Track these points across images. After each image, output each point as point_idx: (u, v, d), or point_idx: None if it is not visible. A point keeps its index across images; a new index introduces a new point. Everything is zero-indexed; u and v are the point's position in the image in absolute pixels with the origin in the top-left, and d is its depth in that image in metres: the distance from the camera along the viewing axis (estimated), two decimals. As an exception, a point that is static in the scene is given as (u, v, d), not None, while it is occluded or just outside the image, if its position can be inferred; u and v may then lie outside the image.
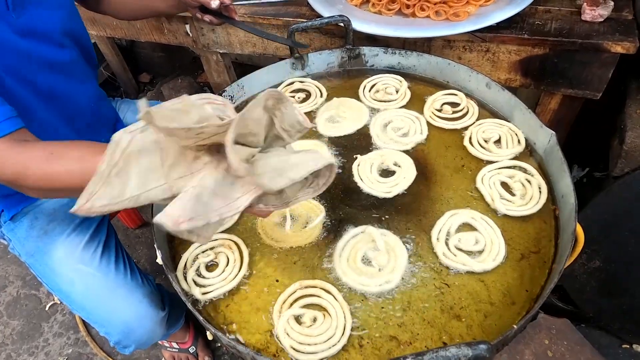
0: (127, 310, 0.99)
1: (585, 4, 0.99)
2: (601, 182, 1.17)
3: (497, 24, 0.99)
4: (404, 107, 0.96)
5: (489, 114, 0.93)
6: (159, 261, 0.69)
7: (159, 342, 1.41)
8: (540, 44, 1.00)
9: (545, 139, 0.80)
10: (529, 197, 0.76)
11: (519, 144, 0.84)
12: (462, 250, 0.70)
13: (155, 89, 2.49)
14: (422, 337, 0.62)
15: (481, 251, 0.69)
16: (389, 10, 1.11)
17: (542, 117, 1.14)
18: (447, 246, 0.71)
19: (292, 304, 0.66)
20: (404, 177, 0.81)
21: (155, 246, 0.70)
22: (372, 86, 1.02)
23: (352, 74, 1.09)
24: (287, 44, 1.03)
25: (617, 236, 1.03)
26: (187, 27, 1.45)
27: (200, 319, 0.63)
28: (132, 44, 2.50)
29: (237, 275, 0.71)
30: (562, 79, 1.04)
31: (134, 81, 2.53)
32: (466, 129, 0.89)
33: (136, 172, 0.48)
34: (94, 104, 1.01)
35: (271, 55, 1.37)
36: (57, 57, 0.88)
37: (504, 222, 0.74)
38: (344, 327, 0.63)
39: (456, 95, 0.96)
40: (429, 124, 0.92)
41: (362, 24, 1.06)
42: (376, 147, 0.89)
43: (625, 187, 0.97)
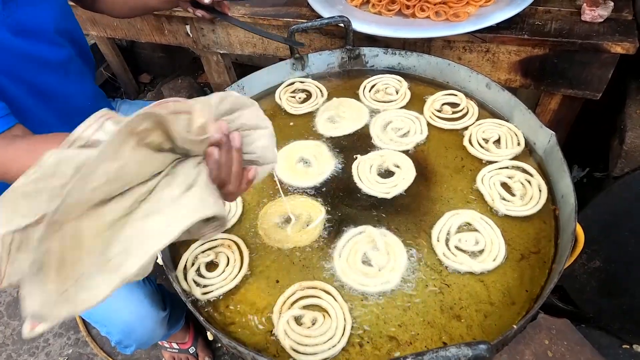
0: (128, 310, 0.99)
1: (585, 4, 0.99)
2: (601, 182, 1.17)
3: (497, 24, 0.99)
4: (404, 107, 0.96)
5: (489, 114, 0.93)
6: (160, 261, 0.69)
7: (159, 342, 1.41)
8: (540, 44, 1.00)
9: (545, 139, 0.80)
10: (528, 197, 0.76)
11: (519, 144, 0.84)
12: (462, 250, 0.70)
13: (155, 89, 2.49)
14: (422, 337, 0.62)
15: (481, 251, 0.69)
16: (389, 10, 1.11)
17: (542, 117, 1.14)
18: (448, 246, 0.71)
19: (292, 304, 0.66)
20: (403, 178, 0.81)
21: (155, 246, 0.70)
22: (372, 86, 1.02)
23: (352, 74, 1.10)
24: (278, 40, 1.03)
25: (617, 236, 1.03)
26: (188, 27, 1.45)
27: (200, 319, 0.63)
28: (133, 45, 2.50)
29: (237, 275, 0.71)
30: (562, 79, 1.04)
31: (134, 82, 2.54)
32: (466, 129, 0.89)
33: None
34: (92, 103, 1.01)
35: (271, 55, 1.37)
36: (51, 55, 0.88)
37: (503, 222, 0.74)
38: (344, 328, 0.63)
39: (456, 95, 0.96)
40: (428, 124, 0.92)
41: (362, 24, 1.06)
42: (376, 147, 0.89)
43: (625, 187, 0.97)
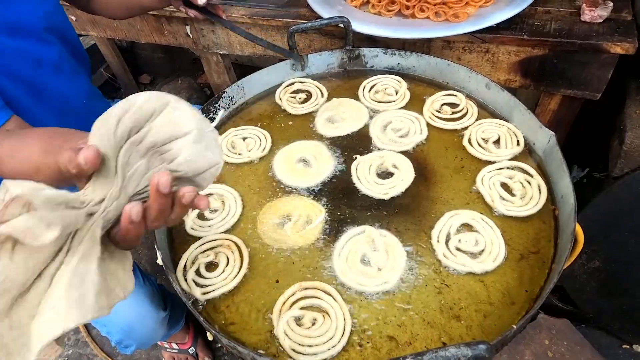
0: (129, 310, 0.99)
1: (584, 4, 1.00)
2: (601, 182, 1.18)
3: (497, 24, 0.99)
4: (404, 107, 0.96)
5: (489, 114, 0.93)
6: (159, 262, 0.69)
7: (159, 343, 1.42)
8: (539, 44, 1.00)
9: (544, 139, 0.80)
10: (528, 197, 0.76)
11: (518, 144, 0.84)
12: (462, 251, 0.70)
13: (155, 90, 2.49)
14: (421, 337, 0.62)
15: (481, 252, 0.69)
16: (389, 11, 1.11)
17: (541, 117, 1.14)
18: (448, 247, 0.71)
19: (291, 305, 0.66)
20: (402, 179, 0.81)
21: (155, 247, 0.70)
22: (372, 87, 1.02)
23: (352, 74, 1.10)
24: (265, 46, 1.01)
25: (617, 236, 1.03)
26: (188, 28, 1.45)
27: (200, 319, 0.63)
28: (133, 45, 2.50)
29: (237, 275, 0.71)
30: (562, 79, 1.04)
31: (135, 82, 2.54)
32: (465, 129, 0.89)
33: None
34: (86, 101, 1.00)
35: (271, 56, 1.37)
36: (43, 53, 0.88)
37: (503, 222, 0.74)
38: (344, 328, 0.63)
39: (455, 95, 0.96)
40: (428, 124, 0.92)
41: (362, 25, 1.06)
42: (376, 148, 0.89)
43: (624, 188, 0.97)
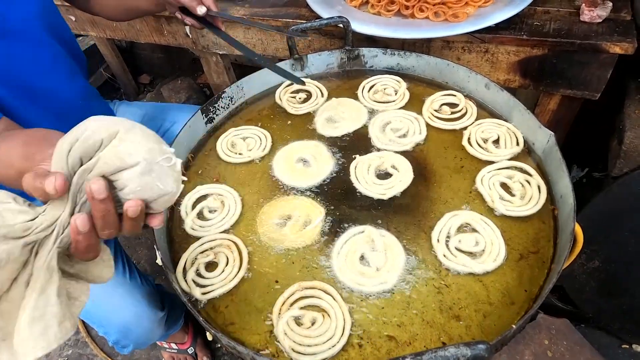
0: (126, 310, 0.99)
1: (583, 4, 1.00)
2: (600, 182, 1.17)
3: (496, 24, 0.99)
4: (403, 107, 0.96)
5: (488, 114, 0.93)
6: (159, 262, 0.69)
7: (158, 343, 1.42)
8: (539, 44, 1.00)
9: (544, 139, 0.80)
10: (528, 197, 0.76)
11: (518, 144, 0.84)
12: (462, 251, 0.70)
13: (155, 90, 2.50)
14: (421, 337, 0.62)
15: (481, 252, 0.69)
16: (388, 11, 1.11)
17: (541, 117, 1.14)
18: (448, 247, 0.70)
19: (291, 305, 0.66)
20: (400, 180, 0.81)
21: (155, 247, 0.70)
22: (371, 87, 1.02)
23: (352, 74, 1.10)
24: (259, 62, 0.92)
25: (617, 236, 1.03)
26: (187, 28, 1.45)
27: (199, 319, 0.63)
28: (132, 45, 2.50)
29: (236, 275, 0.71)
30: (561, 79, 1.04)
31: (134, 82, 2.54)
32: (465, 129, 0.89)
33: None
34: (83, 101, 0.98)
35: (271, 56, 1.37)
36: (36, 54, 0.85)
37: (502, 222, 0.74)
38: (344, 328, 0.63)
39: (455, 95, 0.96)
40: (427, 124, 0.92)
41: (361, 25, 1.06)
42: (375, 148, 0.89)
43: (624, 187, 0.97)
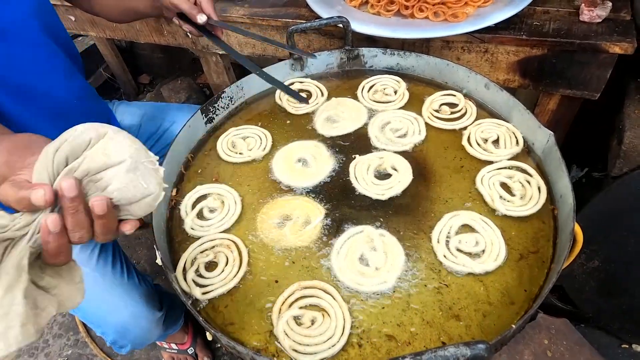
0: (124, 310, 0.99)
1: (583, 4, 1.00)
2: (600, 182, 1.18)
3: (496, 24, 0.99)
4: (403, 108, 0.96)
5: (488, 114, 0.93)
6: (159, 262, 0.69)
7: (158, 343, 1.41)
8: (538, 44, 1.00)
9: (543, 139, 0.80)
10: (528, 197, 0.76)
11: (518, 144, 0.84)
12: (462, 251, 0.70)
13: (154, 90, 2.50)
14: (420, 337, 0.62)
15: (482, 252, 0.69)
16: (388, 11, 1.11)
17: (540, 117, 1.14)
18: (448, 248, 0.70)
19: (291, 304, 0.66)
20: (399, 181, 0.81)
21: (155, 247, 0.70)
22: (371, 87, 1.02)
23: (351, 74, 1.10)
24: (261, 77, 0.91)
25: (616, 236, 1.03)
26: (187, 28, 1.45)
27: (199, 319, 0.63)
28: (132, 45, 2.50)
29: (236, 275, 0.71)
30: (561, 79, 1.04)
31: (134, 82, 2.54)
32: (464, 129, 0.89)
33: None
34: (80, 100, 0.96)
35: (270, 56, 1.37)
36: (32, 53, 0.84)
37: (502, 222, 0.74)
38: (343, 327, 0.63)
39: (454, 95, 0.96)
40: (427, 124, 0.92)
41: (361, 25, 1.06)
42: (375, 148, 0.89)
43: (624, 187, 0.97)
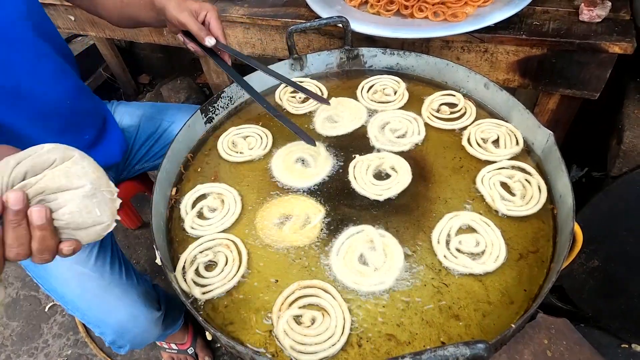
0: (122, 310, 0.99)
1: (582, 4, 1.00)
2: (600, 182, 1.18)
3: (495, 24, 0.99)
4: (402, 108, 0.96)
5: (487, 114, 0.93)
6: (158, 261, 0.69)
7: (158, 343, 1.42)
8: (538, 44, 1.00)
9: (543, 139, 0.80)
10: (529, 197, 0.76)
11: (517, 144, 0.84)
12: (462, 252, 0.70)
13: (154, 90, 2.50)
14: (420, 336, 0.63)
15: (482, 253, 0.69)
16: (388, 11, 1.11)
17: (540, 117, 1.14)
18: (448, 248, 0.70)
19: (291, 304, 0.66)
20: (398, 182, 0.81)
21: (154, 247, 0.70)
22: (370, 87, 1.02)
23: (351, 74, 1.10)
24: (268, 110, 0.90)
25: (616, 236, 1.03)
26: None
27: (199, 319, 0.63)
28: (132, 45, 2.50)
29: (236, 274, 0.71)
30: (560, 79, 1.04)
31: (134, 82, 2.54)
32: (464, 129, 0.89)
33: None
34: (72, 101, 0.94)
35: (270, 56, 1.37)
36: (20, 54, 0.82)
37: (502, 222, 0.74)
38: (344, 327, 0.63)
39: (454, 95, 0.96)
40: (427, 124, 0.92)
41: (361, 24, 1.06)
42: (374, 148, 0.89)
43: (623, 187, 0.97)
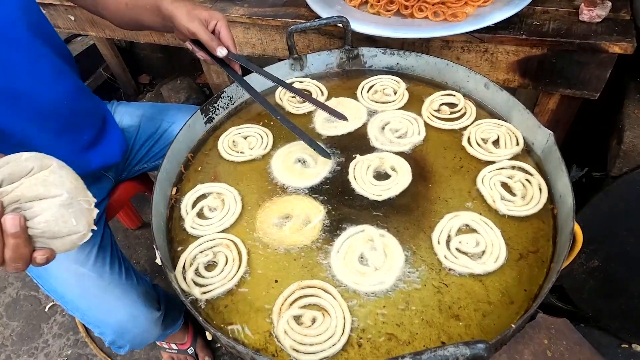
0: (122, 310, 0.99)
1: (582, 4, 1.00)
2: (600, 182, 1.18)
3: (495, 24, 0.99)
4: (402, 108, 0.96)
5: (487, 114, 0.93)
6: (158, 262, 0.69)
7: (158, 343, 1.42)
8: (538, 44, 1.00)
9: (543, 139, 0.80)
10: (529, 197, 0.75)
11: (518, 144, 0.84)
12: (463, 252, 0.70)
13: (154, 90, 2.50)
14: (420, 336, 0.63)
15: (482, 253, 0.69)
16: (388, 11, 1.11)
17: (540, 117, 1.14)
18: (449, 249, 0.70)
19: (291, 304, 0.66)
20: (397, 182, 0.81)
21: (154, 247, 0.70)
22: (370, 87, 1.02)
23: (351, 74, 1.10)
24: (282, 122, 0.89)
25: (616, 236, 1.03)
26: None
27: (199, 318, 0.63)
28: (132, 45, 2.50)
29: (235, 274, 0.71)
30: (560, 79, 1.04)
31: (134, 82, 2.54)
32: (464, 129, 0.89)
33: None
34: (71, 101, 0.93)
35: (270, 56, 1.37)
36: (16, 55, 0.81)
37: (502, 222, 0.74)
38: (344, 327, 0.63)
39: (454, 95, 0.96)
40: (427, 124, 0.92)
41: (361, 24, 1.06)
42: (374, 148, 0.89)
43: (623, 187, 0.97)
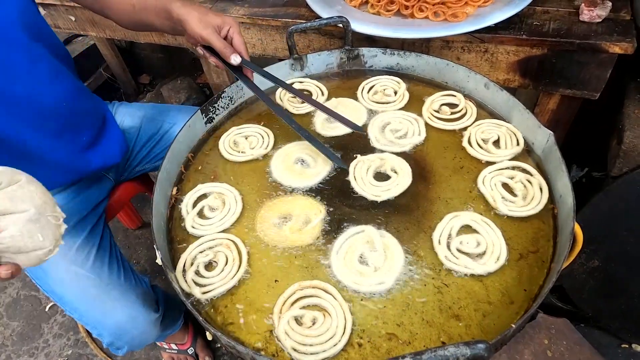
0: (120, 311, 0.99)
1: (583, 4, 1.00)
2: (600, 182, 1.18)
3: (496, 24, 0.99)
4: (403, 108, 0.96)
5: (488, 114, 0.93)
6: (159, 262, 0.69)
7: (158, 343, 1.42)
8: (538, 44, 1.00)
9: (543, 139, 0.80)
10: (530, 197, 0.75)
11: (518, 144, 0.84)
12: (463, 252, 0.70)
13: (154, 90, 2.50)
14: (420, 336, 0.63)
15: (483, 253, 0.69)
16: (388, 11, 1.11)
17: (540, 117, 1.14)
18: (449, 249, 0.70)
19: (291, 304, 0.66)
20: (397, 183, 0.81)
21: (154, 247, 0.70)
22: (370, 88, 1.02)
23: (351, 74, 1.10)
24: (291, 126, 0.88)
25: (616, 236, 1.03)
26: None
27: (199, 318, 0.63)
28: (132, 45, 2.50)
29: (236, 274, 0.71)
30: (561, 79, 1.04)
31: (134, 82, 2.54)
32: (465, 129, 0.89)
33: None
34: (70, 101, 0.92)
35: (270, 56, 1.37)
36: (11, 57, 0.80)
37: (502, 222, 0.74)
38: (345, 327, 0.63)
39: (454, 96, 0.96)
40: (427, 125, 0.92)
41: (361, 24, 1.06)
42: (374, 148, 0.89)
43: (623, 187, 0.97)
